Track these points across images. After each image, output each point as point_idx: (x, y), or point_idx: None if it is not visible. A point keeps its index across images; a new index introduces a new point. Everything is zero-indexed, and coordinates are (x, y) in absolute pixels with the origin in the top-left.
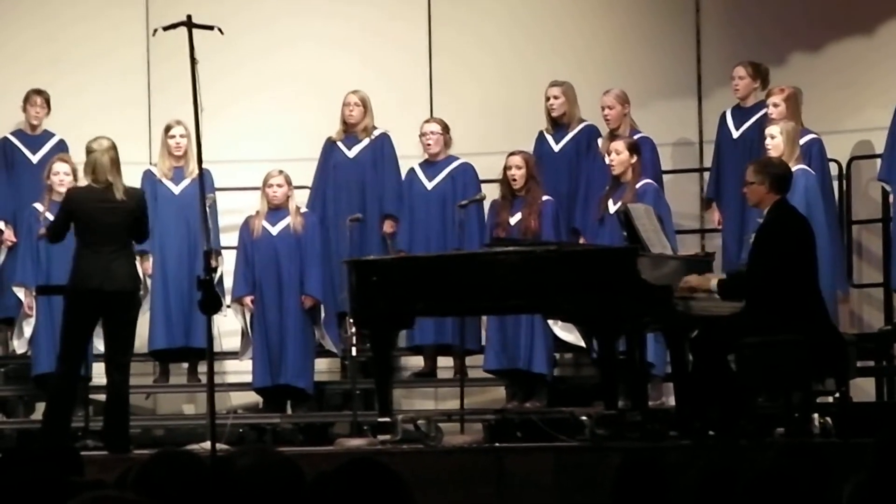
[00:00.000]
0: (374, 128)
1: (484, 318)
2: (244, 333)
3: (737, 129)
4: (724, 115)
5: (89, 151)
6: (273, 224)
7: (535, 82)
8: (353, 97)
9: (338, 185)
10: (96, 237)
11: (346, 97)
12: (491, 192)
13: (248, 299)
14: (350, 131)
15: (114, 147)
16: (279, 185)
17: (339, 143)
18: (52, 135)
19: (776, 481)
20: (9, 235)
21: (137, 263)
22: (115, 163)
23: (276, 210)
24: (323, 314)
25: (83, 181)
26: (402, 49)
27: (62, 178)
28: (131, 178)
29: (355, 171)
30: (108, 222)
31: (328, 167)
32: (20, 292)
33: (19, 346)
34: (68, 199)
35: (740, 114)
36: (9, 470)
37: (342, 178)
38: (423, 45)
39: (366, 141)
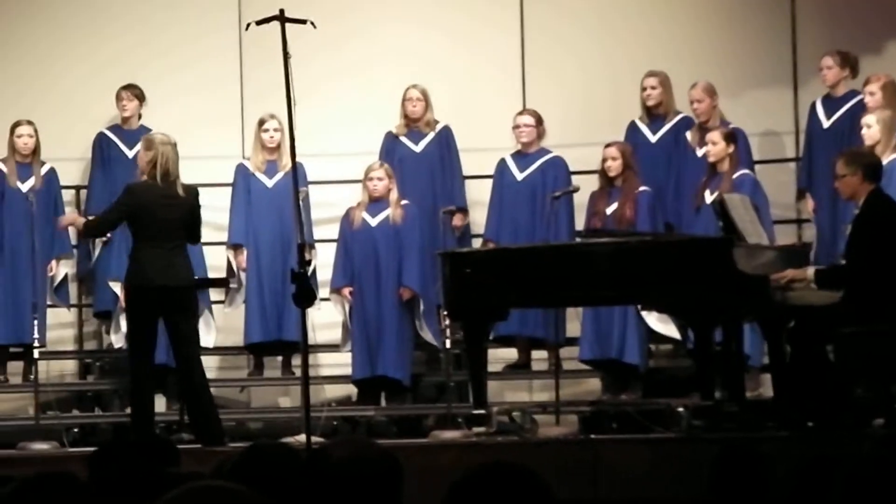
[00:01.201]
0: (436, 121)
1: (577, 309)
2: (345, 325)
3: (827, 118)
4: (813, 105)
5: (152, 146)
6: (373, 216)
7: (630, 73)
8: (414, 91)
9: (404, 180)
10: (157, 233)
11: (408, 91)
12: (584, 184)
13: (346, 290)
14: (413, 126)
15: (173, 144)
16: (379, 179)
17: (403, 138)
18: (148, 129)
19: (875, 472)
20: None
21: (231, 257)
22: (174, 157)
23: (377, 202)
24: (422, 306)
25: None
26: (494, 34)
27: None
28: (225, 171)
29: (423, 165)
30: (168, 218)
31: (392, 163)
32: (116, 287)
33: (116, 340)
34: (131, 194)
35: (830, 103)
36: (107, 463)
37: (409, 172)
38: (516, 31)
39: (430, 135)
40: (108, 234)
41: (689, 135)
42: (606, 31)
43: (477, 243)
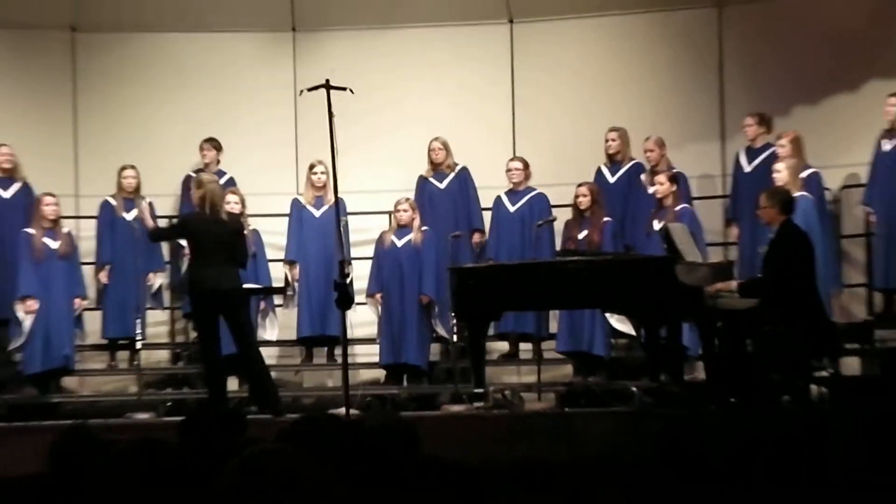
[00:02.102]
0: (456, 164)
1: (555, 311)
2: (379, 327)
3: (748, 164)
4: (737, 154)
5: (202, 185)
6: (399, 238)
7: (596, 129)
8: (436, 143)
9: (434, 211)
10: (209, 251)
11: (431, 143)
12: (561, 215)
13: (378, 296)
14: (437, 168)
15: (216, 182)
16: (405, 210)
17: (431, 178)
18: (224, 173)
19: (785, 440)
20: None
21: (287, 271)
22: (220, 192)
23: (403, 228)
24: (437, 309)
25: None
26: (491, 101)
27: (233, 206)
28: (282, 205)
29: (447, 198)
30: (217, 239)
31: (423, 198)
32: None
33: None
34: (186, 222)
35: (751, 153)
36: (192, 430)
37: (437, 204)
38: (508, 99)
39: (451, 175)
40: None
41: (643, 176)
42: (577, 100)
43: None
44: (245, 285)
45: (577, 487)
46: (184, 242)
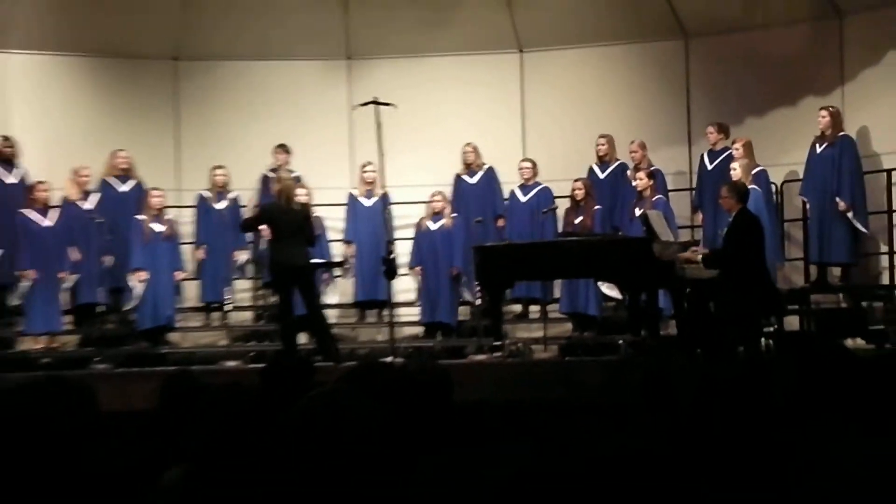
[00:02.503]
0: (483, 163)
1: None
2: (418, 293)
3: (710, 164)
4: (702, 156)
5: (280, 180)
6: (434, 223)
7: (589, 134)
8: (468, 147)
9: (466, 201)
10: (283, 234)
11: (464, 147)
12: (561, 204)
13: (417, 268)
14: (469, 167)
15: (293, 180)
16: (438, 201)
17: (464, 176)
18: (293, 171)
19: (740, 382)
20: (266, 234)
21: (345, 249)
22: (293, 188)
23: (437, 215)
24: (464, 278)
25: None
26: (505, 112)
27: (302, 197)
28: (341, 196)
29: (476, 191)
30: (291, 224)
31: (459, 191)
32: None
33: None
34: (266, 211)
35: (712, 154)
36: (272, 375)
37: (469, 195)
38: (518, 111)
39: (480, 173)
40: (268, 234)
41: (629, 172)
42: (574, 113)
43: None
44: (312, 260)
45: (573, 421)
46: (263, 227)
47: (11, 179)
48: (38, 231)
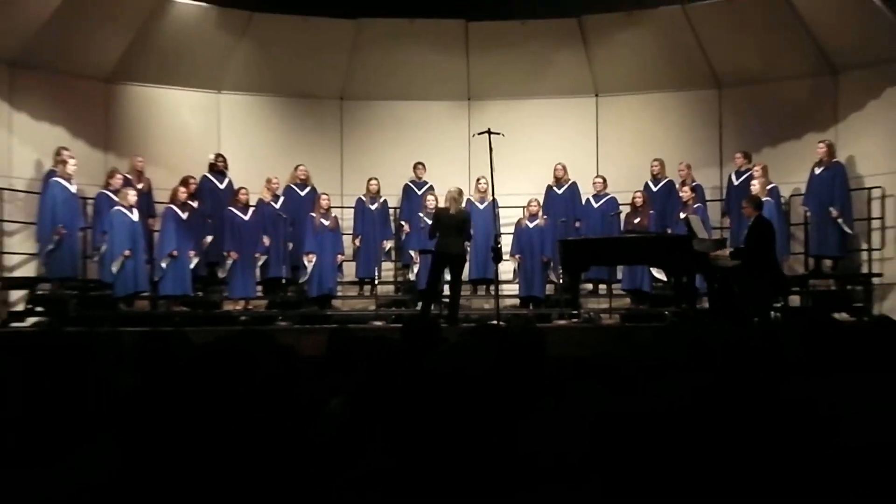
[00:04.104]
0: (569, 179)
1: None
2: (516, 272)
3: (736, 181)
4: (730, 176)
5: (449, 193)
6: (531, 222)
7: (645, 157)
8: (559, 165)
9: (555, 207)
10: (447, 231)
11: (556, 165)
12: (624, 210)
13: (517, 256)
14: (559, 181)
15: (459, 191)
16: (534, 206)
17: (553, 188)
18: (427, 182)
19: (755, 343)
20: (407, 229)
21: (467, 243)
22: (458, 198)
23: (532, 216)
24: (552, 264)
25: (441, 204)
26: (584, 141)
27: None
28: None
29: (563, 200)
30: (452, 224)
31: (549, 199)
32: (413, 253)
33: (412, 276)
34: (435, 214)
35: (738, 174)
36: (410, 332)
37: (557, 203)
38: (593, 139)
39: (566, 185)
40: (407, 229)
41: (677, 186)
42: (636, 141)
43: None
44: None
45: (632, 373)
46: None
47: (222, 186)
48: (239, 223)
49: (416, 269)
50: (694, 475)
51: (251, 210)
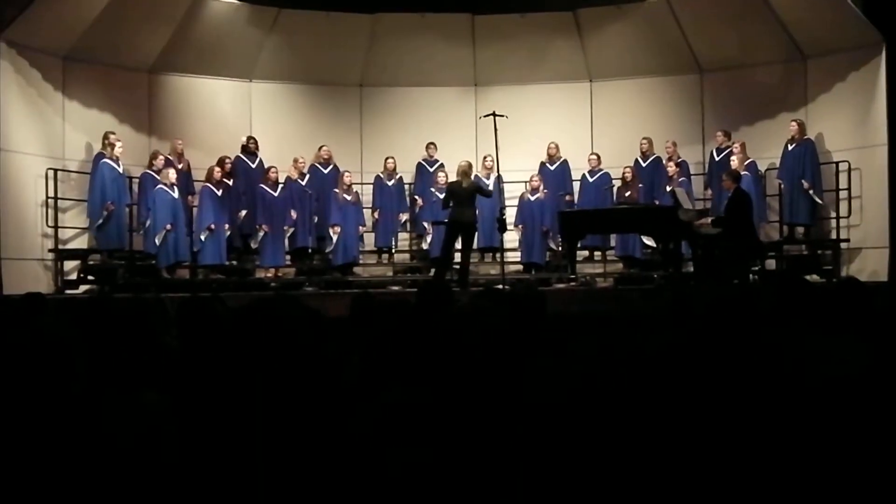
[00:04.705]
0: (561, 156)
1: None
2: (520, 242)
3: (717, 157)
4: (712, 152)
5: (460, 166)
6: (532, 196)
7: (634, 135)
8: (552, 144)
9: (549, 182)
10: (458, 202)
11: (549, 144)
12: (616, 184)
13: (519, 226)
14: (551, 159)
15: (469, 164)
16: (535, 181)
17: (547, 164)
18: (438, 160)
19: (735, 301)
20: (420, 202)
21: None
22: (469, 170)
23: (533, 190)
24: (551, 233)
25: (452, 177)
26: (580, 121)
27: (443, 180)
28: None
29: (556, 176)
30: (463, 195)
31: (545, 174)
32: (427, 224)
33: (426, 245)
34: (448, 186)
35: (718, 151)
36: (426, 293)
37: (550, 178)
38: (588, 120)
39: (558, 162)
40: (421, 203)
41: (664, 162)
42: (626, 122)
43: None
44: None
45: (623, 328)
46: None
47: (254, 165)
48: (270, 199)
49: (429, 239)
50: (679, 415)
51: (280, 187)
